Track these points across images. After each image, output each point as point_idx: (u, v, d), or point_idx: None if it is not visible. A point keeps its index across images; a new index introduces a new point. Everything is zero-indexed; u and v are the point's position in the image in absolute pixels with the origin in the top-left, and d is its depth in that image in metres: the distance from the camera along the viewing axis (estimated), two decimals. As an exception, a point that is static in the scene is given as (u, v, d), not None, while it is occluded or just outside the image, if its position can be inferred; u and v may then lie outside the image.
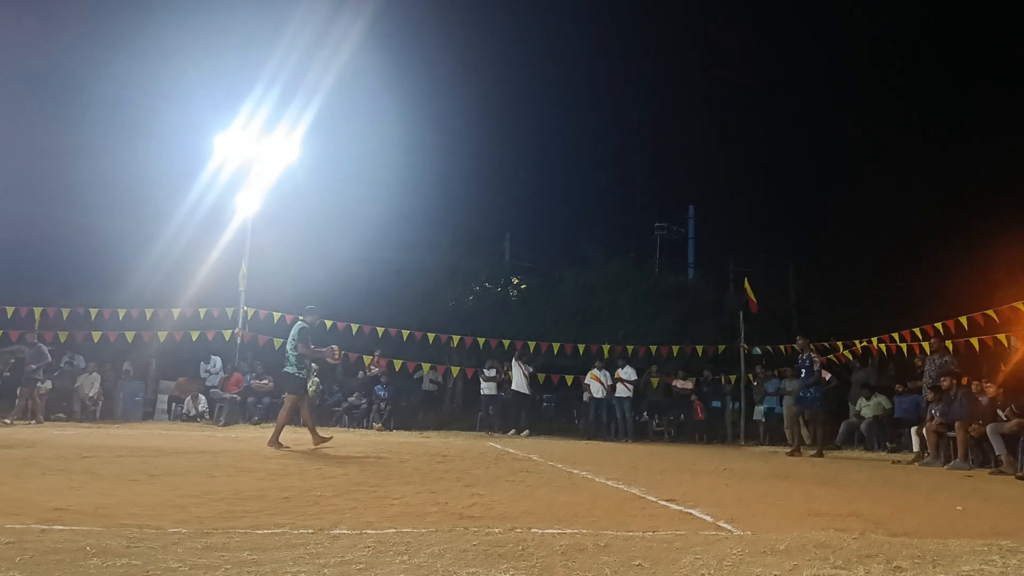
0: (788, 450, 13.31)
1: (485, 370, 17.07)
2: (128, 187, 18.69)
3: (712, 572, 3.24)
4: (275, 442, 9.48)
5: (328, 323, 17.32)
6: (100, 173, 18.81)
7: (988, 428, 9.99)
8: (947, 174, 27.21)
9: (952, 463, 10.44)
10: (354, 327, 17.40)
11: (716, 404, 18.16)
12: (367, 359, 17.26)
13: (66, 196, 18.30)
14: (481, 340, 18.11)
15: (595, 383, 16.55)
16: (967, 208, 23.47)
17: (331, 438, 10.27)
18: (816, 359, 13.34)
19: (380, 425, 15.58)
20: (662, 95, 45.72)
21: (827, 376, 14.20)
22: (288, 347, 10.08)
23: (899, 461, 11.48)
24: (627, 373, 16.45)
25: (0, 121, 17.29)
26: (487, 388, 16.92)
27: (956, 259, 20.64)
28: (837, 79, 42.67)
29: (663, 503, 5.54)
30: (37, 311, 16.39)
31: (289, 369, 9.99)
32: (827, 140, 39.72)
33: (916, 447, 11.97)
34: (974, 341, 13.82)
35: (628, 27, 49.15)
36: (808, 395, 13.13)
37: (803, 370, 13.27)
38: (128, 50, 22.81)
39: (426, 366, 18.20)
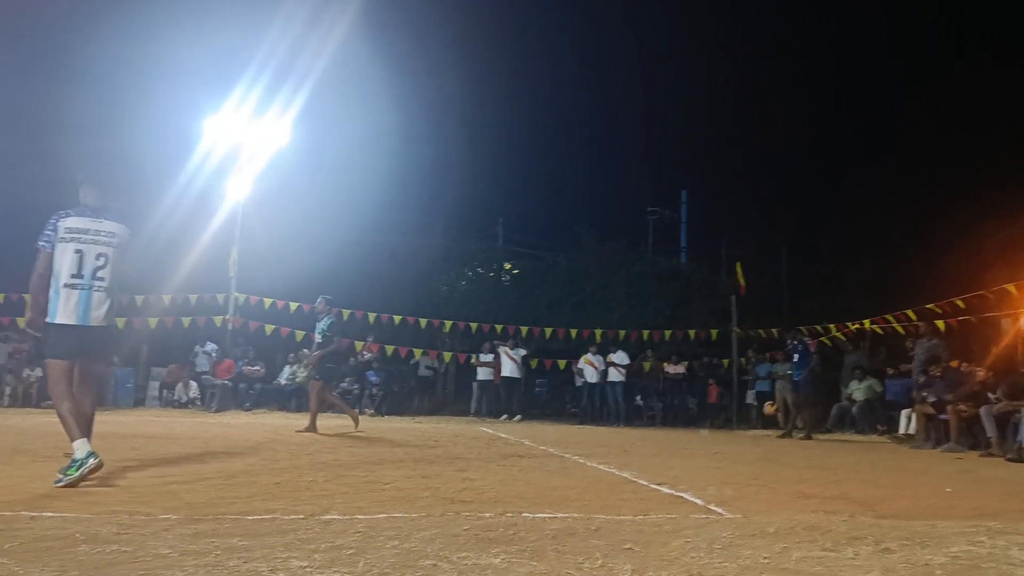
0: (779, 433, 13.34)
1: (481, 356, 17.05)
2: (116, 169, 18.45)
3: (702, 555, 3.25)
4: None
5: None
6: (86, 154, 18.57)
7: (981, 410, 10.03)
8: (940, 156, 27.28)
9: (944, 446, 10.50)
10: (346, 312, 17.34)
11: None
12: (359, 344, 17.23)
13: (52, 178, 18.05)
14: (474, 325, 18.08)
15: (589, 368, 16.58)
16: (959, 189, 23.57)
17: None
18: (809, 342, 13.29)
19: (372, 411, 15.57)
20: (655, 79, 45.65)
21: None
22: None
23: (903, 441, 11.52)
24: (619, 357, 16.46)
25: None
26: (483, 373, 16.92)
27: (949, 240, 20.72)
28: (829, 62, 42.65)
29: (654, 487, 5.56)
30: (28, 297, 16.26)
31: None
32: (820, 124, 39.78)
33: (903, 429, 12.07)
34: (972, 319, 13.92)
35: (620, 11, 48.97)
36: (799, 379, 12.94)
37: (796, 355, 13.16)
38: (116, 28, 22.43)
39: (418, 352, 18.17)
